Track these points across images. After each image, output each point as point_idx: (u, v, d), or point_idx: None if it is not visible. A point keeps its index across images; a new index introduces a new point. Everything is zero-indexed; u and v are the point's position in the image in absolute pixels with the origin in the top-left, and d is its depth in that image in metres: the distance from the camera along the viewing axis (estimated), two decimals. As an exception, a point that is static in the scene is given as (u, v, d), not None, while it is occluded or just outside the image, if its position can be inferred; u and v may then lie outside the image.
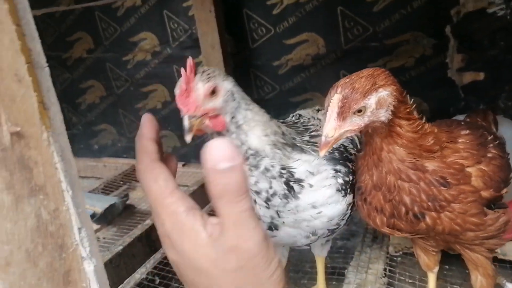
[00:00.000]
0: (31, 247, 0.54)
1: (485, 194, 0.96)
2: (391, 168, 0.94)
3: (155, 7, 2.57)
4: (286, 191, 0.98)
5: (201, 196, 2.11)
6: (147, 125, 0.68)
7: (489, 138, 1.06)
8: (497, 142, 1.07)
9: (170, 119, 2.90)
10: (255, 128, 0.97)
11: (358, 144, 1.24)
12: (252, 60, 2.44)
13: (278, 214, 1.00)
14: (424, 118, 0.97)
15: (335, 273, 1.58)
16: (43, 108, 0.54)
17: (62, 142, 0.58)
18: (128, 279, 1.53)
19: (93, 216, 2.16)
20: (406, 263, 1.56)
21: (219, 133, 1.00)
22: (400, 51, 2.04)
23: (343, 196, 1.02)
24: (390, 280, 1.44)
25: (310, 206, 0.99)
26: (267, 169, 0.97)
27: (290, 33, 2.26)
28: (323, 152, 0.87)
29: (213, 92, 0.92)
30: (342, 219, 1.05)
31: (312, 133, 1.14)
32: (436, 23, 1.96)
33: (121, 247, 1.54)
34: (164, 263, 1.63)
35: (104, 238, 2.20)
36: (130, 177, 2.93)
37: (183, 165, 2.93)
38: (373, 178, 0.99)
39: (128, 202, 2.49)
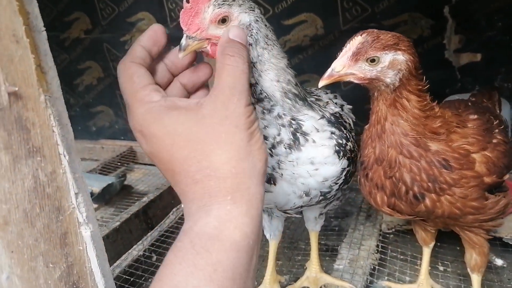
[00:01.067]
0: (28, 207, 0.55)
1: (488, 180, 0.97)
2: (393, 141, 0.95)
3: (153, -14, 2.56)
4: (292, 141, 0.99)
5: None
6: (149, 34, 0.71)
7: (495, 123, 1.06)
8: (502, 127, 1.08)
9: (167, 100, 2.89)
10: (269, 71, 0.96)
11: (352, 125, 1.25)
12: (250, 41, 2.43)
13: (278, 165, 1.01)
14: (436, 102, 0.97)
15: (329, 250, 1.60)
16: (40, 71, 0.55)
17: (59, 107, 0.59)
18: (125, 255, 1.55)
19: (91, 195, 2.18)
20: (398, 241, 1.59)
21: None
22: (398, 32, 2.02)
23: (339, 158, 1.04)
24: (383, 256, 1.47)
25: (309, 161, 1.01)
26: (279, 116, 0.98)
27: (289, 14, 2.24)
28: (322, 83, 0.89)
29: (224, 21, 0.87)
30: (336, 183, 1.06)
31: (316, 97, 1.15)
32: (435, 4, 1.95)
33: (118, 223, 1.56)
34: (161, 240, 1.66)
35: (102, 218, 2.22)
36: (127, 158, 2.94)
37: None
38: (376, 151, 1.00)
39: (125, 182, 2.51)
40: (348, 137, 1.09)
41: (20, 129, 0.53)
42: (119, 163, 2.85)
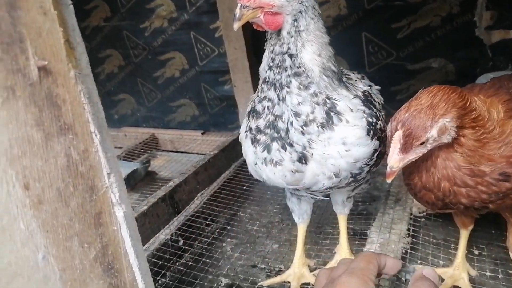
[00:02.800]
0: (62, 186, 0.54)
1: None
2: (445, 174, 0.92)
3: (171, -29, 2.53)
4: (325, 120, 0.97)
5: (220, 160, 2.11)
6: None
7: None
8: None
9: (188, 87, 2.89)
10: (312, 43, 0.96)
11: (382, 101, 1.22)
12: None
13: (309, 144, 0.99)
14: (495, 114, 0.92)
15: (357, 234, 1.57)
16: (69, 46, 0.54)
17: (89, 84, 0.57)
18: (153, 239, 1.56)
19: (116, 181, 2.20)
20: (429, 224, 1.54)
21: (278, 33, 0.99)
22: (425, 9, 1.96)
23: (371, 139, 1.00)
24: (414, 240, 1.43)
25: (341, 141, 0.98)
26: (315, 94, 0.96)
27: (310, -6, 2.19)
28: (389, 180, 0.89)
29: None
30: (367, 164, 1.03)
31: (347, 76, 1.12)
32: (465, -22, 1.86)
33: (145, 207, 1.56)
34: (187, 225, 1.66)
35: (127, 204, 2.25)
36: (150, 145, 2.96)
37: (202, 134, 2.94)
38: (422, 180, 0.97)
39: (149, 169, 2.53)
40: (378, 115, 1.06)
41: (51, 106, 0.51)
42: (142, 150, 2.87)
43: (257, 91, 1.08)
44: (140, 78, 3.05)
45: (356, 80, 1.12)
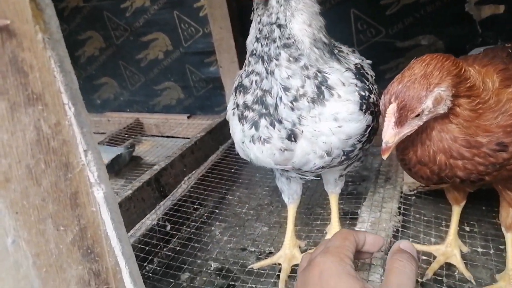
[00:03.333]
0: (32, 162, 0.49)
1: None
2: (441, 147, 0.88)
3: None
4: (316, 95, 0.93)
5: (208, 142, 2.07)
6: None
7: None
8: None
9: (172, 69, 2.81)
10: (302, 11, 0.92)
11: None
12: (257, 2, 2.32)
13: (299, 120, 0.95)
14: (490, 84, 0.88)
15: (348, 214, 1.55)
16: (36, 7, 0.48)
17: (60, 51, 0.51)
18: (138, 224, 1.51)
19: (99, 167, 2.13)
20: (420, 202, 1.53)
21: (265, 3, 0.95)
22: (414, -15, 1.92)
23: (363, 114, 0.97)
24: (405, 218, 1.42)
25: (332, 117, 0.94)
26: (306, 67, 0.92)
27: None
28: (385, 156, 0.85)
29: None
30: (359, 141, 1.00)
31: (338, 48, 1.09)
32: (455, -48, 1.82)
33: (130, 191, 1.51)
34: (175, 209, 1.61)
35: (112, 189, 2.19)
36: (135, 130, 2.89)
37: (188, 117, 2.87)
38: (417, 154, 0.93)
39: (134, 154, 2.46)
40: (371, 89, 1.03)
41: (16, 72, 0.46)
42: (126, 135, 2.80)
43: (244, 65, 1.03)
44: (123, 61, 2.95)
45: (347, 53, 1.08)
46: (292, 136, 0.96)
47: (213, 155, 2.01)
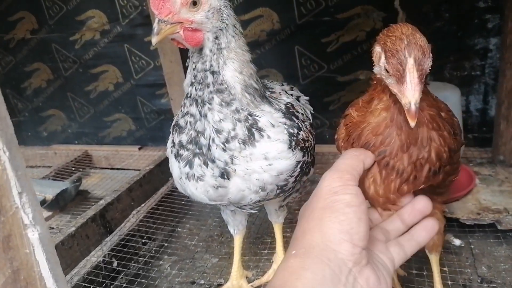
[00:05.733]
0: (-38, 207, 0.50)
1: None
2: (423, 117, 0.82)
3: (102, -17, 2.46)
4: (246, 137, 0.97)
5: (157, 175, 2.06)
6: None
7: None
8: None
9: (123, 101, 2.80)
10: (234, 60, 0.97)
11: (309, 115, 1.22)
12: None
13: (232, 160, 0.99)
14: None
15: (295, 243, 1.59)
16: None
17: (-6, 96, 0.53)
18: (83, 262, 1.47)
19: (43, 202, 2.06)
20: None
21: (200, 51, 0.99)
22: (351, 25, 2.07)
23: (292, 151, 1.03)
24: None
25: (263, 156, 0.99)
26: (237, 111, 0.96)
27: (245, 9, 2.23)
28: (414, 123, 0.74)
29: (195, 4, 0.91)
30: (291, 176, 1.06)
31: (270, 89, 1.14)
32: (386, -3, 2.00)
33: (73, 228, 1.47)
34: (122, 244, 1.59)
35: (57, 226, 2.11)
36: (83, 163, 2.82)
37: (139, 149, 2.85)
38: (402, 137, 0.86)
39: (81, 188, 2.40)
40: (300, 126, 1.08)
41: None
42: (73, 169, 2.73)
43: (181, 105, 1.08)
44: (71, 93, 2.91)
45: (280, 93, 1.15)
46: (225, 174, 1.01)
47: (162, 187, 2.01)
